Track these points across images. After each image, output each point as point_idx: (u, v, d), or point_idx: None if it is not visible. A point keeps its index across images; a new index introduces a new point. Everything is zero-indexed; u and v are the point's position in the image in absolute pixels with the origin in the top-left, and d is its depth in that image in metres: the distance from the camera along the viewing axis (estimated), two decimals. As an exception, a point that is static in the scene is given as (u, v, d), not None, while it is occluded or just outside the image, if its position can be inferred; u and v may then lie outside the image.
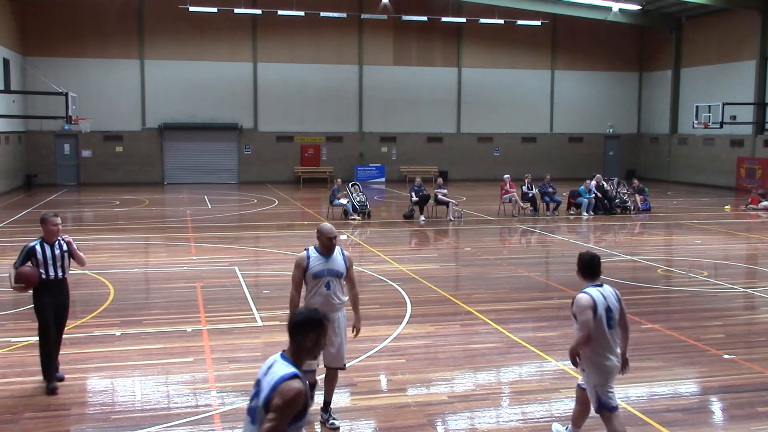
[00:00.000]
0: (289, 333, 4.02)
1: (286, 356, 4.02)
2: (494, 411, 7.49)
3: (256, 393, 4.00)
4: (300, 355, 4.01)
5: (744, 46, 34.09)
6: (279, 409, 3.79)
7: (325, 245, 6.79)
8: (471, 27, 38.10)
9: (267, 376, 3.96)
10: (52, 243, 7.90)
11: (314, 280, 6.76)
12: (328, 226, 6.84)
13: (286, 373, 3.88)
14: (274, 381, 3.88)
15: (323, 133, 38.28)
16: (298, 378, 3.88)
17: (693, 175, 37.29)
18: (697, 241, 18.97)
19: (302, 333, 4.02)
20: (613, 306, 6.05)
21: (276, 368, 3.95)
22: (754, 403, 7.65)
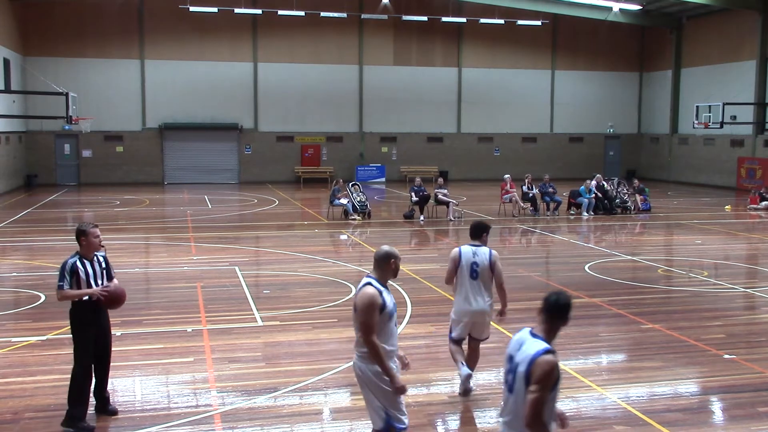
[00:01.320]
0: (550, 313, 4.42)
1: (536, 333, 4.44)
2: (494, 411, 7.48)
3: (510, 368, 4.46)
4: (553, 335, 4.45)
5: (744, 46, 34.08)
6: (540, 380, 4.23)
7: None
8: (471, 27, 38.10)
9: (520, 352, 4.42)
10: (91, 258, 6.92)
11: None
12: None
13: (541, 348, 4.32)
14: (530, 356, 4.31)
15: (323, 133, 38.28)
16: (552, 353, 4.31)
17: (693, 175, 37.28)
18: (697, 241, 18.97)
19: (564, 316, 4.46)
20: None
21: (529, 345, 4.39)
22: (755, 403, 7.65)
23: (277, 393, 7.78)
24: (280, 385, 7.99)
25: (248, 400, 7.57)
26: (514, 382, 4.42)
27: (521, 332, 4.56)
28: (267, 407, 7.44)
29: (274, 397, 7.67)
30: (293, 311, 11.15)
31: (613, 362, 9.38)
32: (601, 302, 11.97)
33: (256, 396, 7.69)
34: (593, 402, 7.69)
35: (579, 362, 9.03)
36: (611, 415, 7.32)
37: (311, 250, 16.86)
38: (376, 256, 5.58)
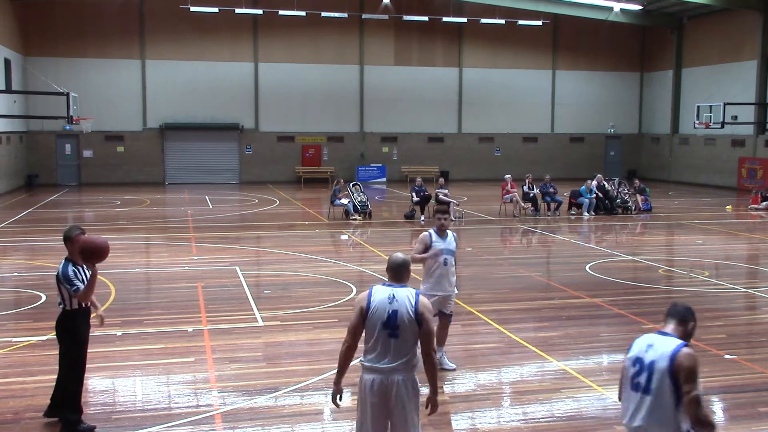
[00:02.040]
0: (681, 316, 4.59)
1: (666, 332, 4.56)
2: (495, 411, 7.49)
3: (641, 369, 4.48)
4: (688, 336, 4.57)
5: (745, 46, 34.07)
6: (690, 375, 4.34)
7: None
8: (472, 27, 38.08)
9: (652, 351, 4.48)
10: (80, 264, 6.83)
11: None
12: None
13: (679, 343, 4.45)
14: (669, 352, 4.40)
15: (324, 133, 38.28)
16: (688, 346, 4.46)
17: (694, 176, 37.26)
18: (698, 241, 18.96)
19: (693, 315, 4.63)
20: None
21: (662, 343, 4.47)
22: (756, 403, 7.65)
23: (278, 393, 7.78)
24: (280, 385, 7.99)
25: (249, 400, 7.57)
26: (650, 382, 4.43)
27: (645, 336, 4.60)
28: (268, 407, 7.44)
29: (275, 397, 7.67)
30: (294, 311, 11.15)
31: (614, 362, 9.36)
32: (602, 302, 11.96)
33: (256, 396, 7.69)
34: (594, 402, 7.69)
35: (580, 362, 9.02)
36: (612, 415, 7.30)
37: (312, 250, 16.86)
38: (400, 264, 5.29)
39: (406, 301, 5.06)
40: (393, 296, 5.08)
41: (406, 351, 5.05)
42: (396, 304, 5.05)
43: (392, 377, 5.04)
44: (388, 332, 5.03)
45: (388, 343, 5.03)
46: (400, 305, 5.04)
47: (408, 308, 5.02)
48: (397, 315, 5.01)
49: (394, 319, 5.00)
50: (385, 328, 5.02)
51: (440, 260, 8.31)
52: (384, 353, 5.05)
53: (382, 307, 5.06)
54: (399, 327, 5.00)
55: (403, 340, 5.03)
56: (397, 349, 5.03)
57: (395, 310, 5.03)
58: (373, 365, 5.08)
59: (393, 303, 5.05)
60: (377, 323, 5.05)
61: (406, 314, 5.02)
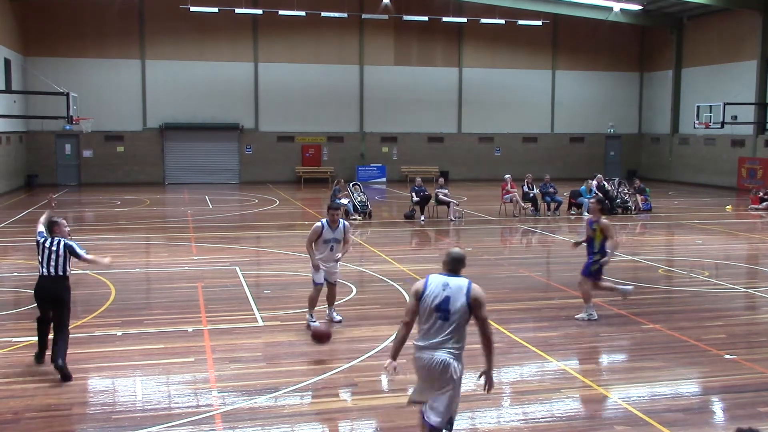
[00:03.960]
0: None
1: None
2: (495, 411, 7.48)
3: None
4: None
5: (745, 46, 34.07)
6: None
7: None
8: (472, 27, 38.08)
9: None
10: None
11: None
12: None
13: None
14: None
15: (324, 133, 38.28)
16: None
17: (694, 176, 37.26)
18: (698, 241, 18.96)
19: None
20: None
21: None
22: (756, 403, 7.65)
23: (278, 393, 7.78)
24: (280, 385, 7.99)
25: (249, 400, 7.57)
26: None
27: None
28: (268, 407, 7.44)
29: (275, 397, 7.67)
30: (294, 311, 11.15)
31: (614, 362, 9.38)
32: (602, 302, 11.95)
33: (256, 396, 7.69)
34: (594, 402, 7.69)
35: (580, 362, 9.02)
36: (612, 416, 7.32)
37: (312, 250, 16.83)
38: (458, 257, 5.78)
39: (459, 289, 5.60)
40: (447, 284, 5.64)
41: (453, 332, 5.58)
42: (449, 290, 5.60)
43: (438, 354, 5.56)
44: (439, 315, 5.58)
45: (437, 324, 5.58)
46: (453, 292, 5.59)
47: (461, 295, 5.57)
48: (449, 300, 5.56)
49: (446, 304, 5.56)
50: (437, 311, 5.58)
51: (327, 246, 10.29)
52: (434, 333, 5.60)
53: (436, 292, 5.61)
54: (449, 311, 5.56)
55: (452, 323, 5.56)
56: (445, 330, 5.57)
57: (448, 296, 5.58)
58: (424, 343, 5.63)
59: (446, 290, 5.61)
60: (430, 306, 5.60)
61: (458, 300, 5.56)
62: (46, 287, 8.27)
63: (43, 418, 7.12)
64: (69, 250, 8.31)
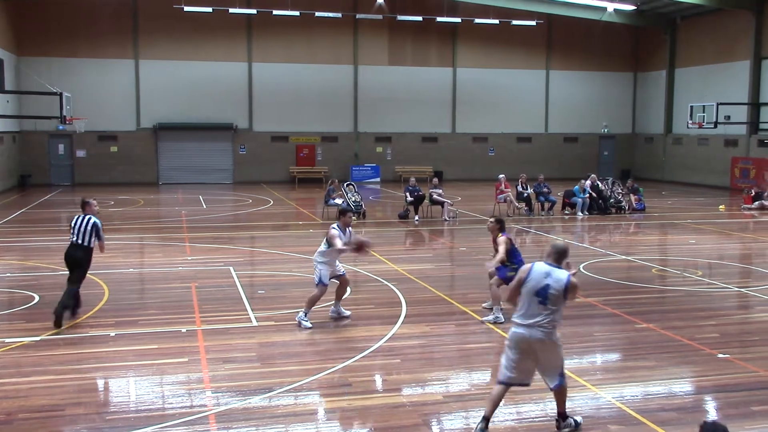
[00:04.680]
0: None
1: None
2: (489, 411, 7.48)
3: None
4: None
5: (738, 46, 34.17)
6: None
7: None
8: (466, 27, 38.11)
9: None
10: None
11: None
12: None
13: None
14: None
15: (318, 133, 38.26)
16: None
17: (687, 175, 37.37)
18: (691, 240, 19.02)
19: None
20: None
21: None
22: (749, 402, 7.67)
23: (272, 393, 7.78)
24: (275, 386, 7.98)
25: (243, 401, 7.56)
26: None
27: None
28: (262, 407, 7.43)
29: (269, 398, 7.67)
30: (288, 311, 11.14)
31: (608, 362, 9.40)
32: (596, 302, 11.98)
33: (250, 396, 7.69)
34: (588, 401, 7.70)
35: (574, 362, 9.03)
36: (606, 415, 7.33)
37: (306, 250, 16.82)
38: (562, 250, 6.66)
39: (559, 281, 6.43)
40: (549, 273, 6.48)
41: (548, 315, 6.44)
42: (550, 279, 6.44)
43: (534, 332, 6.43)
44: (538, 299, 6.43)
45: (536, 307, 6.43)
46: (554, 281, 6.43)
47: (559, 284, 6.43)
48: (549, 287, 6.40)
49: (546, 290, 6.41)
50: (537, 296, 6.43)
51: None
52: (532, 314, 6.46)
53: (537, 279, 6.47)
54: (548, 296, 6.41)
55: (549, 306, 6.43)
56: (541, 313, 6.44)
57: (548, 283, 6.42)
58: (521, 322, 6.50)
59: (548, 278, 6.45)
60: (531, 291, 6.46)
61: (557, 288, 6.41)
62: (72, 252, 10.41)
63: (37, 418, 7.11)
64: (95, 228, 10.41)
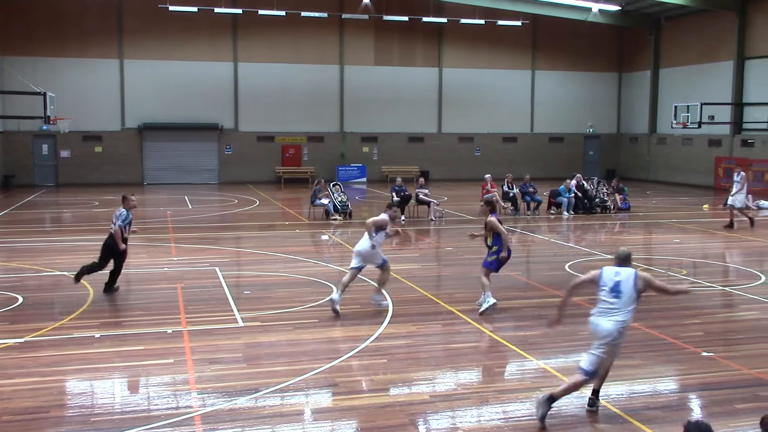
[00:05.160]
0: None
1: None
2: (476, 410, 7.51)
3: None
4: None
5: (722, 47, 34.42)
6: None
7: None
8: (452, 27, 38.18)
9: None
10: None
11: None
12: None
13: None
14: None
15: (304, 133, 38.21)
16: None
17: (671, 175, 37.60)
18: (675, 240, 19.14)
19: None
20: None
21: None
22: (733, 400, 7.73)
23: (258, 394, 7.76)
24: (261, 386, 7.96)
25: (229, 402, 7.54)
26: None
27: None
28: (248, 408, 7.41)
29: (255, 398, 7.65)
30: (274, 312, 11.12)
31: (593, 361, 9.42)
32: (582, 301, 12.01)
33: (237, 397, 7.66)
34: (574, 400, 7.71)
35: (560, 361, 9.08)
36: (591, 414, 7.36)
37: (292, 251, 16.82)
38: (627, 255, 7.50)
39: (628, 277, 7.23)
40: (618, 272, 7.29)
41: (621, 308, 7.13)
42: (620, 276, 7.24)
43: (607, 326, 7.11)
44: (613, 294, 7.18)
45: (610, 302, 7.17)
46: (623, 278, 7.23)
47: (630, 281, 7.20)
48: (620, 283, 7.20)
49: (618, 286, 7.19)
50: (611, 292, 7.19)
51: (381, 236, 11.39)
52: (607, 309, 7.17)
53: (609, 277, 7.28)
54: (621, 291, 7.16)
55: (622, 300, 7.13)
56: (615, 306, 7.14)
57: (619, 280, 7.22)
58: (598, 315, 7.22)
59: (617, 276, 7.25)
60: (605, 287, 7.23)
61: (627, 284, 7.18)
62: (107, 240, 12.25)
63: (21, 421, 7.05)
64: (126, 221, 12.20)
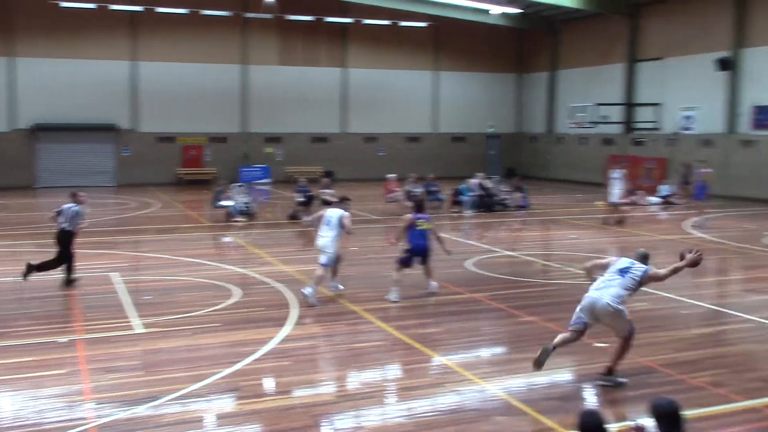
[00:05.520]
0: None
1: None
2: (380, 408, 7.56)
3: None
4: None
5: (615, 50, 35.86)
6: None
7: None
8: (356, 27, 38.27)
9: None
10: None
11: None
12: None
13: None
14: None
15: (206, 133, 37.46)
16: None
17: (569, 173, 38.87)
18: (572, 235, 19.82)
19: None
20: None
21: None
22: (624, 387, 8.05)
23: (158, 402, 7.55)
24: (161, 394, 7.76)
25: (127, 411, 7.31)
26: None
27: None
28: (147, 417, 7.21)
29: (155, 406, 7.44)
30: (175, 317, 10.86)
31: (494, 355, 9.67)
32: (482, 297, 12.31)
33: (135, 406, 7.44)
34: (475, 395, 7.89)
35: (461, 356, 9.24)
36: (491, 407, 7.54)
37: (194, 254, 16.48)
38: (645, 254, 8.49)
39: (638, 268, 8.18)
40: (633, 263, 8.26)
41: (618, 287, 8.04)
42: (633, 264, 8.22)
43: (601, 299, 7.99)
44: (618, 273, 8.15)
45: (614, 281, 8.09)
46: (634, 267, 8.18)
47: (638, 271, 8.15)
48: (631, 269, 8.16)
49: (627, 270, 8.15)
50: (617, 272, 8.17)
51: None
52: (605, 286, 8.08)
53: (623, 263, 8.28)
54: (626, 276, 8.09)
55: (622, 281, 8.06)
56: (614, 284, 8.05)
57: (629, 267, 8.19)
58: (594, 290, 8.13)
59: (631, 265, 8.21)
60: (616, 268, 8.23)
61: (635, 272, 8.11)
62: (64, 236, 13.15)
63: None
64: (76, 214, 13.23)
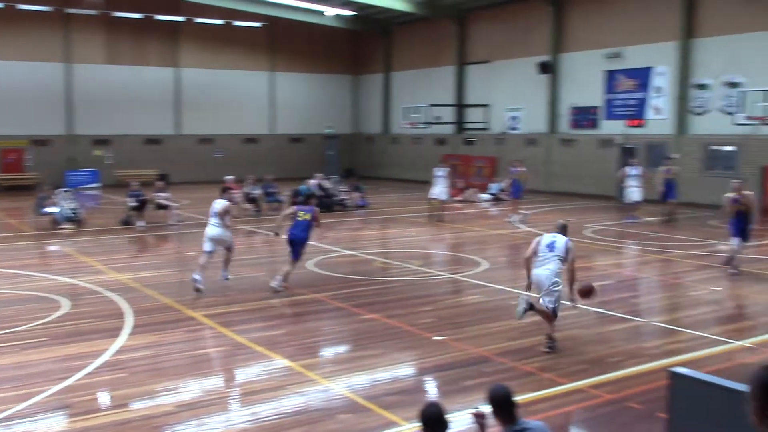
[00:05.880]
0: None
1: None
2: (223, 415, 7.42)
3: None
4: None
5: (444, 52, 37.22)
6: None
7: None
8: (189, 26, 37.22)
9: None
10: None
11: None
12: None
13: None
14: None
15: (27, 136, 35.04)
16: None
17: (404, 172, 39.88)
18: (409, 233, 20.37)
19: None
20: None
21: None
22: (462, 378, 8.40)
23: (-22, 426, 7.01)
24: (-19, 417, 7.19)
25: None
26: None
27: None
28: (-34, 443, 6.67)
29: (-25, 431, 6.90)
30: (-4, 333, 10.09)
31: (337, 354, 9.76)
32: (324, 297, 12.39)
33: (-49, 432, 6.86)
34: (319, 394, 7.94)
35: (304, 358, 9.25)
36: (335, 405, 7.61)
37: (16, 265, 15.39)
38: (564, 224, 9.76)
39: (562, 241, 9.36)
40: (555, 236, 9.41)
41: (554, 260, 9.22)
42: (555, 239, 9.37)
43: (544, 273, 9.19)
44: (548, 249, 9.30)
45: (547, 257, 9.26)
46: (559, 240, 9.37)
47: (562, 243, 9.33)
48: (555, 243, 9.32)
49: (553, 244, 9.32)
50: (547, 247, 9.32)
51: None
52: (544, 262, 9.27)
53: (547, 239, 9.40)
54: (555, 247, 9.28)
55: (554, 254, 9.24)
56: (548, 257, 9.27)
57: (554, 241, 9.35)
58: (538, 267, 9.26)
59: (554, 238, 9.38)
60: (544, 246, 9.34)
61: (560, 244, 9.31)
62: None
63: None
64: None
